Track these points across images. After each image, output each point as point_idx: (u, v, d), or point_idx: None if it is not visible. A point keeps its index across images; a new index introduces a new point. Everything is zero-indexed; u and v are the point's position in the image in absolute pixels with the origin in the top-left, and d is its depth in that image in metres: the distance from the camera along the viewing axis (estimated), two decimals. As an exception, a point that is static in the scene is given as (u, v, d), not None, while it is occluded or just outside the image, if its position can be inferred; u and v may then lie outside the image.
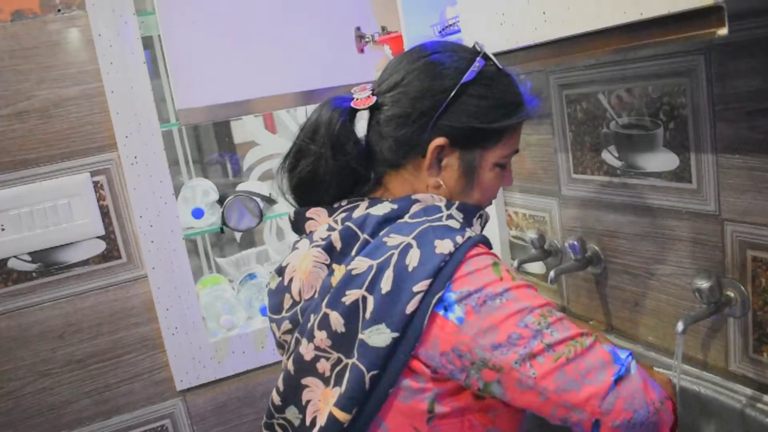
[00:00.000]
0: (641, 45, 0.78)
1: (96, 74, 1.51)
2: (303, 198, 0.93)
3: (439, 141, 0.85)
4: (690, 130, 1.13)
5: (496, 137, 0.88)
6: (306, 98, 1.70)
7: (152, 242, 1.58)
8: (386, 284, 0.75)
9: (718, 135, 1.09)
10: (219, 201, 1.72)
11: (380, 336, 0.75)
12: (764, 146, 1.02)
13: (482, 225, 0.92)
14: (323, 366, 0.81)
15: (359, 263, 0.79)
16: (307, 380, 0.83)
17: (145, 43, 1.58)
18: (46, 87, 1.48)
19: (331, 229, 0.85)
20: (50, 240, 1.51)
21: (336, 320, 0.79)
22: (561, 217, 1.51)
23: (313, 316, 0.82)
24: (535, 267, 1.63)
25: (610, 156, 1.31)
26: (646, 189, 1.25)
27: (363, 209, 0.85)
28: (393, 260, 0.76)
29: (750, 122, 1.03)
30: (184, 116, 1.59)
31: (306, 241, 0.88)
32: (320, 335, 0.80)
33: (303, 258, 0.87)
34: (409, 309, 0.74)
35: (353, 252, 0.81)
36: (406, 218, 0.82)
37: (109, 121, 1.52)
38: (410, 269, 0.75)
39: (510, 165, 0.94)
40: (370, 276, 0.77)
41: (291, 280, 0.88)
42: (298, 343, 0.84)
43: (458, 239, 0.77)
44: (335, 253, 0.83)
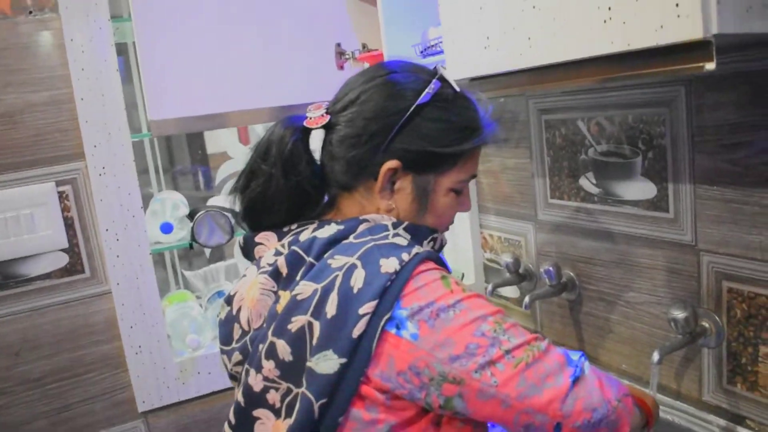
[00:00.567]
0: (628, 75, 0.77)
1: (66, 80, 1.46)
2: (254, 221, 0.89)
3: (392, 164, 0.82)
4: (668, 160, 1.14)
5: (452, 162, 0.86)
6: (283, 113, 1.65)
7: (118, 257, 1.53)
8: (331, 308, 0.73)
9: (697, 166, 1.09)
10: (189, 215, 1.68)
11: (327, 362, 0.72)
12: (741, 179, 1.03)
13: (436, 249, 0.89)
14: (273, 397, 0.78)
15: (304, 288, 0.76)
16: (258, 412, 0.80)
17: (119, 49, 1.54)
18: (13, 91, 1.43)
19: (278, 254, 0.82)
20: (10, 251, 1.45)
21: (283, 349, 0.76)
22: (536, 242, 1.50)
23: (261, 346, 0.79)
24: (510, 291, 1.62)
25: (588, 182, 1.31)
26: (623, 217, 1.25)
27: (310, 232, 0.83)
28: (337, 282, 0.74)
29: (728, 154, 1.04)
30: (156, 127, 1.54)
31: (253, 268, 0.86)
32: (268, 365, 0.77)
33: (250, 286, 0.84)
34: (356, 333, 0.71)
35: (298, 276, 0.79)
36: (351, 238, 0.80)
37: (78, 129, 1.48)
38: (355, 291, 0.73)
39: (467, 190, 0.92)
40: (315, 300, 0.74)
41: (239, 310, 0.85)
42: (248, 374, 0.81)
43: (404, 256, 0.75)
44: (281, 279, 0.81)
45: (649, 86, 1.14)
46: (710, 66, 0.68)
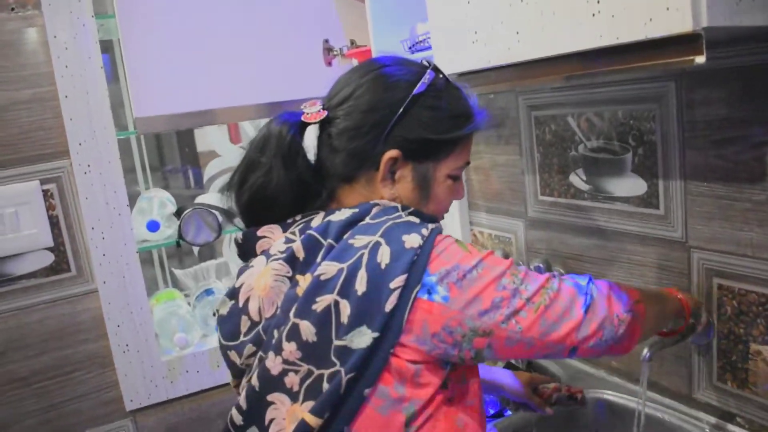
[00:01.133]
0: (617, 70, 0.76)
1: (50, 77, 1.44)
2: (254, 216, 0.89)
3: (393, 153, 0.85)
4: (659, 156, 1.13)
5: (449, 148, 0.89)
6: (271, 110, 1.66)
7: (104, 255, 1.51)
8: (361, 285, 0.75)
9: (687, 162, 1.09)
10: (176, 213, 1.66)
11: (362, 338, 0.75)
12: (732, 175, 1.02)
13: None
14: (291, 380, 0.78)
15: (327, 268, 0.77)
16: (273, 396, 0.80)
17: (104, 46, 1.52)
18: (-5, 89, 1.41)
19: (290, 241, 0.83)
20: (-5, 251, 1.43)
21: (307, 329, 0.77)
22: (526, 239, 1.49)
23: (278, 331, 0.79)
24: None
25: (578, 179, 1.30)
26: (614, 213, 1.24)
27: (321, 219, 0.84)
28: (364, 260, 0.76)
29: (718, 150, 1.03)
30: (142, 125, 1.52)
31: (262, 258, 0.85)
32: (289, 347, 0.78)
33: (261, 275, 0.84)
34: (388, 307, 0.74)
35: (318, 259, 0.80)
36: (368, 220, 0.82)
37: (62, 127, 1.45)
38: (383, 266, 0.76)
39: (461, 177, 0.96)
40: (341, 279, 0.76)
41: (247, 300, 0.85)
42: (263, 360, 0.80)
43: (424, 231, 0.79)
44: (298, 264, 0.81)
45: (639, 82, 1.13)
46: (700, 59, 0.68)
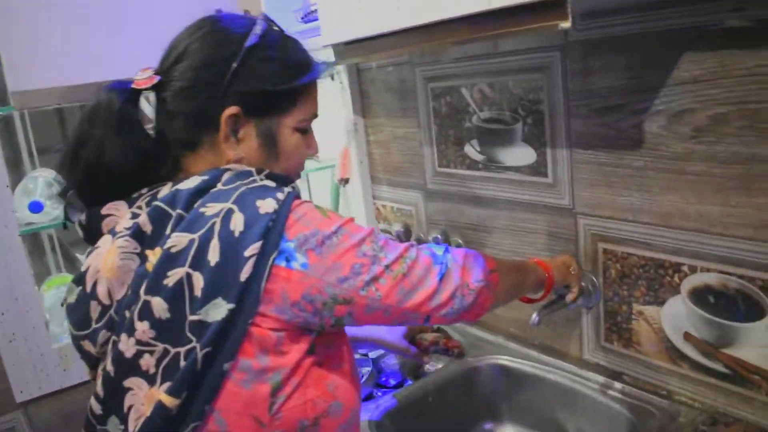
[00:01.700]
0: (489, 36, 0.77)
1: None
2: (94, 194, 0.83)
3: (232, 110, 0.82)
4: (546, 126, 1.15)
5: (291, 100, 0.86)
6: (163, 83, 1.58)
7: (-18, 239, 1.41)
8: (214, 255, 0.72)
9: (573, 130, 1.11)
10: (61, 193, 1.57)
11: (218, 310, 0.72)
12: (613, 142, 1.05)
13: None
14: (147, 362, 0.74)
15: (177, 239, 0.74)
16: (130, 381, 0.76)
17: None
18: None
19: (136, 216, 0.78)
20: None
21: (159, 306, 0.73)
22: (426, 211, 1.50)
23: (129, 311, 0.75)
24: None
25: (473, 150, 1.31)
26: (506, 183, 1.26)
27: (168, 189, 0.80)
28: (216, 229, 0.73)
29: (601, 118, 1.06)
30: (19, 100, 1.42)
31: (108, 237, 0.80)
32: (142, 326, 0.74)
33: (107, 255, 0.78)
34: (243, 276, 0.72)
35: (167, 231, 0.76)
36: (219, 186, 0.78)
37: (-72, 103, 1.34)
38: (237, 234, 0.73)
39: (312, 131, 0.93)
40: (193, 251, 0.73)
41: (95, 284, 0.79)
42: (116, 343, 0.76)
43: (279, 195, 0.76)
44: (146, 238, 0.77)
45: (528, 52, 1.15)
46: (565, 24, 0.68)
